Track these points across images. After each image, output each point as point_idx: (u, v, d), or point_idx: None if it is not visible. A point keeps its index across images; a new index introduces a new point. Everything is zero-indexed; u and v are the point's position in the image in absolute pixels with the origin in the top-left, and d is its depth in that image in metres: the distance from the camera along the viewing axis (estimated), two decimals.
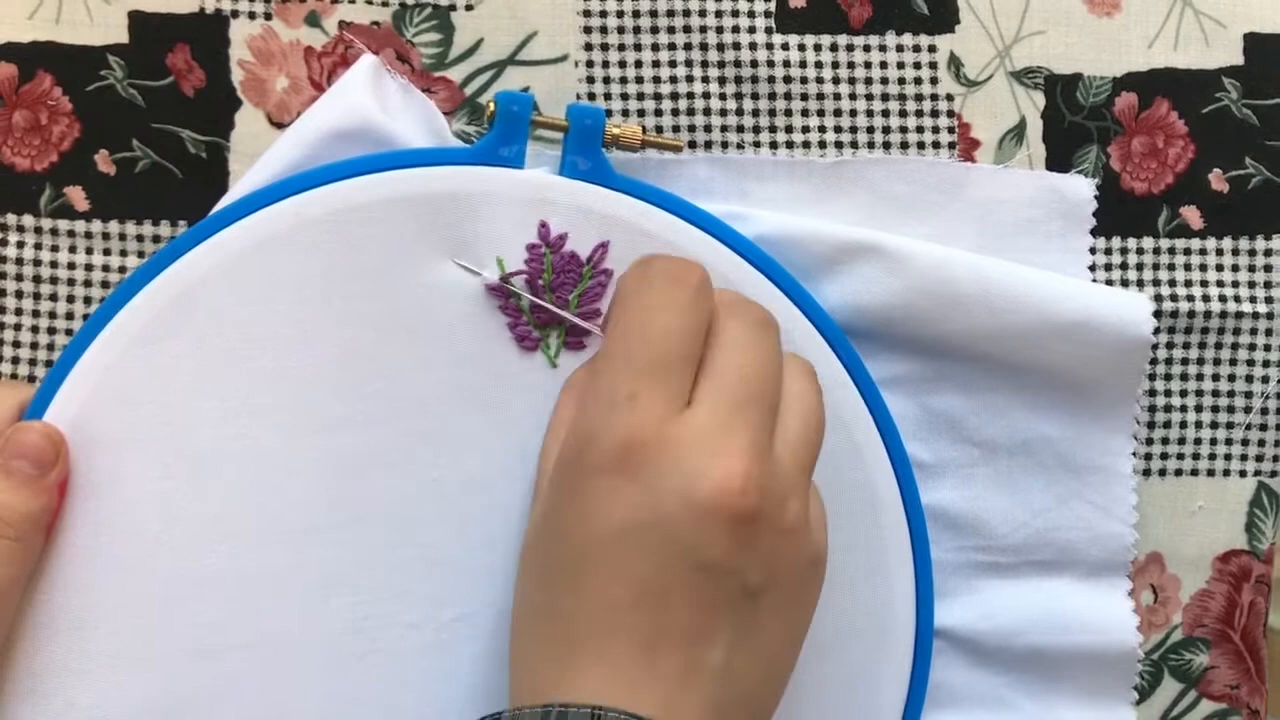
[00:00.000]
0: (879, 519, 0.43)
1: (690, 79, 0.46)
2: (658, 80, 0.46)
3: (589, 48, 0.45)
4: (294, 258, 0.40)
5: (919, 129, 0.46)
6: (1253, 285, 0.47)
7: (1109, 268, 0.47)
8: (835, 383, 0.42)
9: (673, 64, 0.46)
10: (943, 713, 0.46)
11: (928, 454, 0.46)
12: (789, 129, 0.46)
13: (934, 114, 0.46)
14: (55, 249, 0.44)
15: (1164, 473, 0.48)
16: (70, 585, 0.39)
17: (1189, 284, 0.47)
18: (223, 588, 0.40)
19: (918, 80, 0.46)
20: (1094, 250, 0.47)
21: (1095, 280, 0.47)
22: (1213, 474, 0.48)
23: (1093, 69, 0.47)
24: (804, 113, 0.46)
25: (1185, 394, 0.48)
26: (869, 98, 0.46)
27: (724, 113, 0.46)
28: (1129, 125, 0.47)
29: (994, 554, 0.46)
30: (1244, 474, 0.48)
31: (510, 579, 0.39)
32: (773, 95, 0.46)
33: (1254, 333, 0.47)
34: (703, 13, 0.45)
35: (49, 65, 0.44)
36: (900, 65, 0.46)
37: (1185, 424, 0.48)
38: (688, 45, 0.46)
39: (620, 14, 0.45)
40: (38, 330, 0.44)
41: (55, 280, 0.44)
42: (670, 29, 0.45)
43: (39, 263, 0.44)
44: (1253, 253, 0.48)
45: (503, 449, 0.41)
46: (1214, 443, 0.48)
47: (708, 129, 0.46)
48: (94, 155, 0.44)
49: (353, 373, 0.40)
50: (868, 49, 0.46)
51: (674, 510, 0.33)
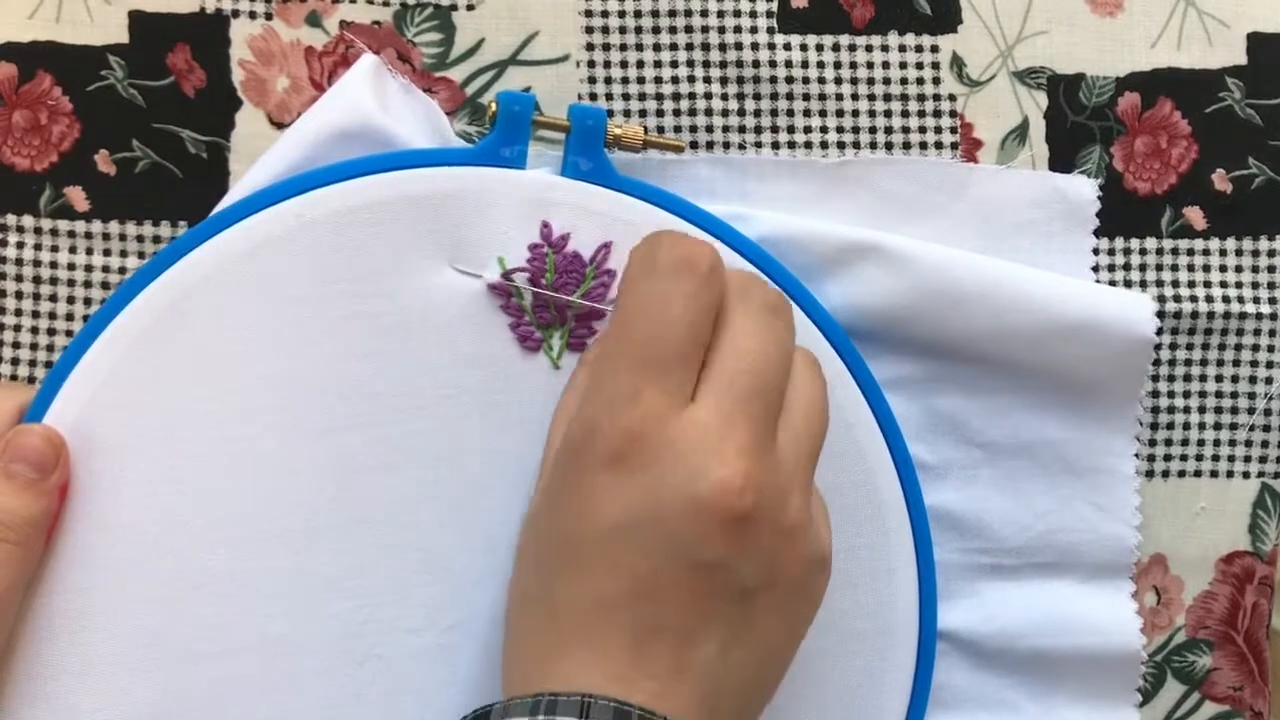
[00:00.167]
0: (882, 520, 0.43)
1: (692, 79, 0.46)
2: (659, 81, 0.45)
3: (590, 48, 0.45)
4: (295, 259, 0.40)
5: (921, 129, 0.46)
6: (1256, 286, 0.47)
7: (1112, 268, 0.47)
8: (838, 383, 0.42)
9: (674, 64, 0.45)
10: (945, 715, 0.46)
11: (930, 455, 0.46)
12: (791, 129, 0.46)
13: (936, 114, 0.46)
14: (55, 249, 0.44)
15: (1167, 474, 0.48)
16: (70, 588, 0.39)
17: (1192, 284, 0.47)
18: (223, 590, 0.39)
19: (920, 80, 0.46)
20: (1097, 251, 0.47)
21: (1098, 281, 0.47)
22: (1216, 475, 0.48)
23: (1095, 69, 0.47)
24: (806, 113, 0.46)
25: (1188, 395, 0.48)
26: (871, 98, 0.46)
27: (726, 113, 0.46)
28: (1132, 125, 0.47)
29: (997, 556, 0.46)
30: (1247, 475, 0.48)
31: None
32: (775, 95, 0.46)
33: (1257, 333, 0.47)
34: (704, 13, 0.45)
35: (49, 65, 0.44)
36: (902, 65, 0.46)
37: (1188, 425, 0.48)
38: (689, 45, 0.45)
39: (622, 14, 0.45)
40: (38, 331, 0.44)
41: (55, 281, 0.44)
42: (672, 29, 0.45)
43: (39, 263, 0.44)
44: (1256, 253, 0.47)
45: (504, 451, 0.41)
46: (1217, 444, 0.48)
47: (709, 129, 0.46)
48: (94, 155, 0.44)
49: (353, 374, 0.40)
50: (870, 49, 0.46)
51: (672, 508, 0.33)
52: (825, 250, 0.44)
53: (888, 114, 0.46)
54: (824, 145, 0.46)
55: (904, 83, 0.46)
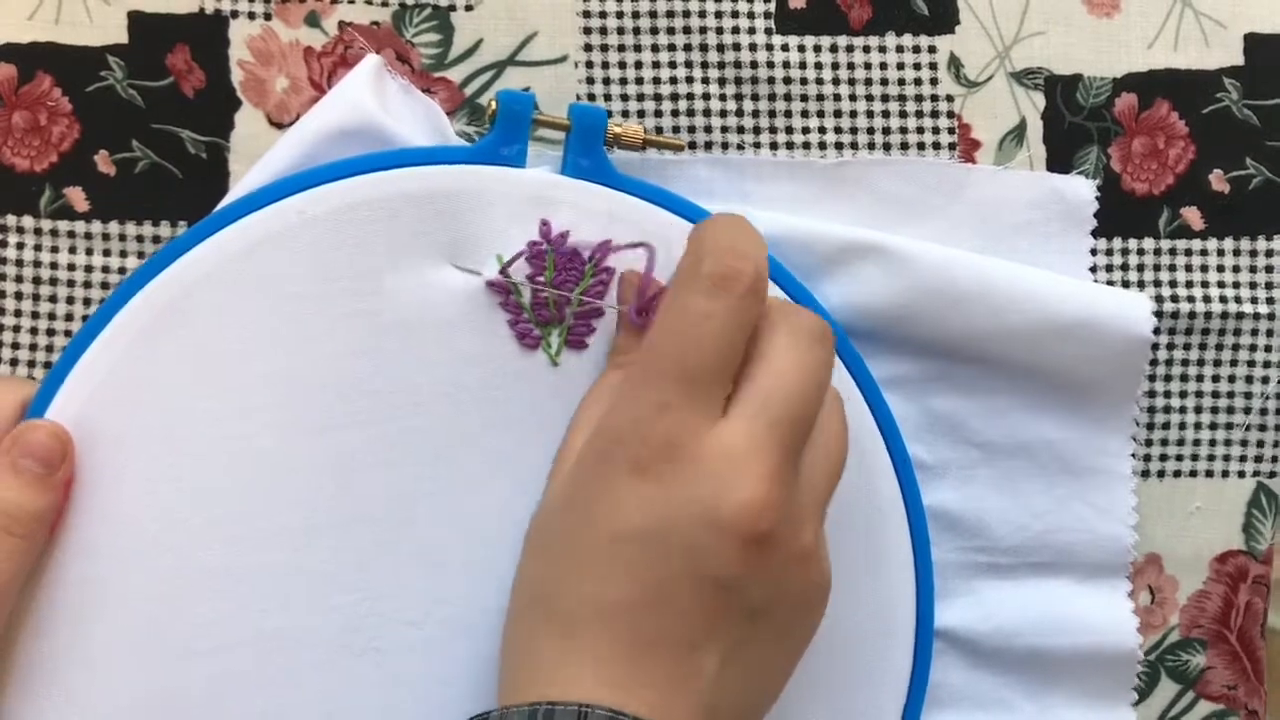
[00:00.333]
0: (880, 520, 0.43)
1: (690, 80, 0.46)
2: (658, 81, 0.46)
3: (589, 48, 0.45)
4: (294, 256, 0.40)
5: (919, 130, 0.46)
6: (1253, 286, 0.48)
7: (1110, 269, 0.47)
8: (836, 382, 0.42)
9: (673, 65, 0.46)
10: (942, 713, 0.46)
11: (928, 455, 0.46)
12: (789, 130, 0.46)
13: (934, 115, 0.46)
14: (55, 250, 0.44)
15: (1163, 474, 0.48)
16: (69, 581, 0.39)
17: (1189, 285, 0.47)
18: (222, 585, 0.39)
19: (918, 81, 0.46)
20: (1094, 251, 0.47)
21: (1096, 281, 0.47)
22: (1211, 475, 0.48)
23: (1093, 70, 0.47)
24: (804, 113, 0.46)
25: (1185, 395, 0.48)
26: (869, 98, 0.46)
27: (724, 113, 0.46)
28: (1129, 126, 0.47)
29: (994, 555, 0.46)
30: (1243, 475, 0.48)
31: (510, 578, 0.39)
32: (773, 96, 0.46)
33: (1254, 334, 0.47)
34: (703, 14, 0.45)
35: (49, 66, 0.44)
36: (900, 66, 0.46)
37: (1185, 425, 0.48)
38: (688, 46, 0.46)
39: (620, 15, 0.45)
40: (37, 331, 0.44)
41: (55, 281, 0.44)
42: (670, 30, 0.45)
43: (39, 263, 0.44)
44: (1253, 253, 0.48)
45: (503, 448, 0.41)
46: (1213, 444, 0.48)
47: (708, 130, 0.46)
48: (94, 156, 0.44)
49: (352, 372, 0.40)
50: (867, 50, 0.46)
51: (690, 522, 0.33)
52: (824, 250, 0.44)
53: (885, 114, 0.46)
54: (822, 146, 0.46)
55: (902, 83, 0.46)
